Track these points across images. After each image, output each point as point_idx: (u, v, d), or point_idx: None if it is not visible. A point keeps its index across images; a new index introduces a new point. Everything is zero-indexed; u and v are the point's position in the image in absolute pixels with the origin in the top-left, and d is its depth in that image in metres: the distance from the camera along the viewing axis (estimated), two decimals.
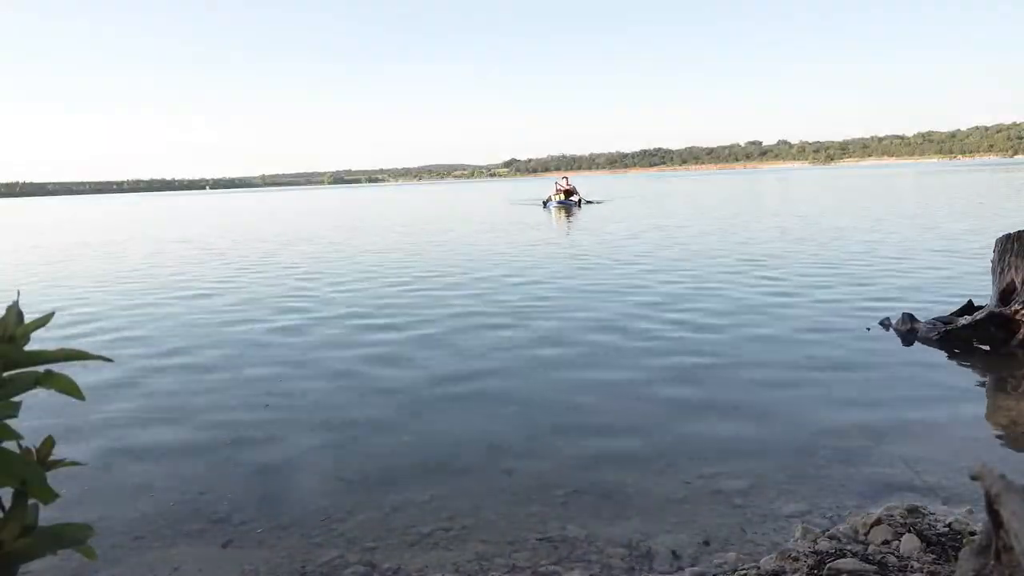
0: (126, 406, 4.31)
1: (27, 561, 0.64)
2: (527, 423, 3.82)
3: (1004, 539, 1.19)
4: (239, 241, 16.74)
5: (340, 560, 2.48)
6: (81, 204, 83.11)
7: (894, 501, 2.70)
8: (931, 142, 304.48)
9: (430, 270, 10.07)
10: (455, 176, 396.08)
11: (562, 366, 4.89)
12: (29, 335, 0.68)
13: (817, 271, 8.61)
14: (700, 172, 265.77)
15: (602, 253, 11.39)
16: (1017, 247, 5.07)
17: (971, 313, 5.34)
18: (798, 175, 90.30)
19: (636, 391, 4.29)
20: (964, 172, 64.79)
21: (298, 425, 3.89)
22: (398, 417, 3.98)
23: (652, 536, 2.56)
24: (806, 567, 2.19)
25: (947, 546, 2.25)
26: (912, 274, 8.18)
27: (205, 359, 5.43)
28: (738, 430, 3.60)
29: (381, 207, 37.65)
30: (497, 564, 2.42)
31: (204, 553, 2.57)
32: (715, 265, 9.50)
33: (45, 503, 0.66)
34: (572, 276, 9.03)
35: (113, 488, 3.14)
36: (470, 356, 5.25)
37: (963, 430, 3.51)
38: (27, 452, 0.70)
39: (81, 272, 11.46)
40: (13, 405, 0.65)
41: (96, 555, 0.73)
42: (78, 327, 6.81)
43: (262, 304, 7.75)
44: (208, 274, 10.59)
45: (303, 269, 10.78)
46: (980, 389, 4.31)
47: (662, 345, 5.36)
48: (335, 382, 4.69)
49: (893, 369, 4.57)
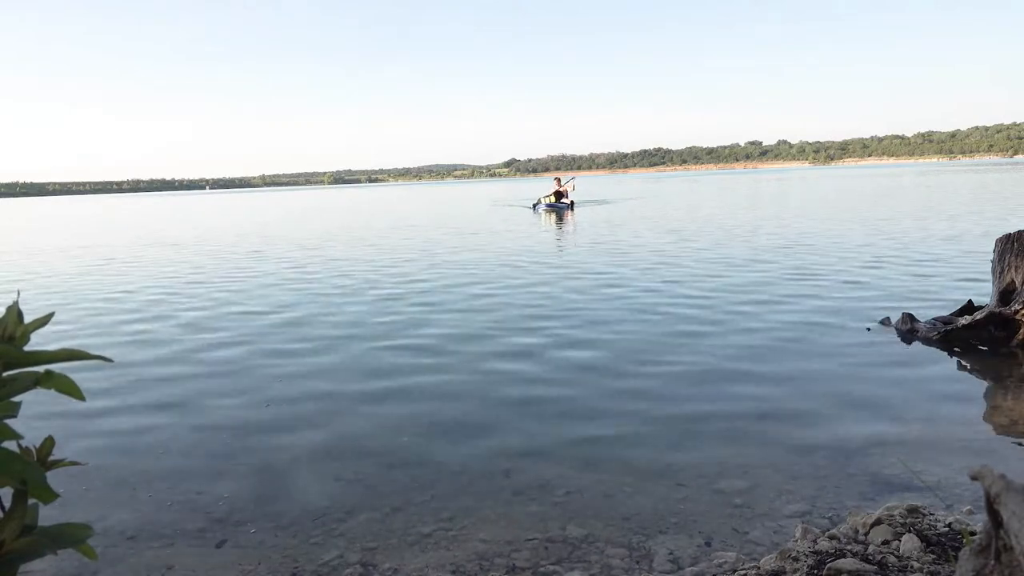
0: (126, 406, 4.31)
1: (27, 561, 0.64)
2: (527, 423, 3.82)
3: (1004, 539, 1.19)
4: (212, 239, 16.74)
5: (340, 560, 2.48)
6: (77, 204, 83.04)
7: (894, 501, 2.70)
8: (931, 142, 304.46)
9: (437, 273, 10.07)
10: (455, 176, 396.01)
11: (561, 366, 4.89)
12: (29, 335, 0.68)
13: (817, 271, 8.61)
14: (700, 172, 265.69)
15: (590, 253, 11.40)
16: (1017, 247, 5.07)
17: (971, 313, 5.34)
18: (798, 175, 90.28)
19: (636, 391, 4.29)
20: (964, 172, 64.79)
21: (298, 425, 3.89)
22: (398, 417, 3.98)
23: (652, 536, 2.56)
24: (806, 567, 2.19)
25: (947, 546, 2.25)
26: (912, 274, 8.17)
27: (205, 358, 5.43)
28: (738, 430, 3.60)
29: (360, 206, 37.66)
30: (497, 564, 2.42)
31: (203, 553, 2.57)
32: (715, 265, 9.51)
33: (45, 503, 0.66)
34: (574, 278, 9.03)
35: (113, 488, 3.14)
36: (470, 356, 5.25)
37: (963, 430, 3.51)
38: (27, 452, 0.70)
39: (81, 272, 11.46)
40: (13, 405, 0.65)
41: (96, 555, 0.73)
42: (77, 326, 6.82)
43: (262, 303, 7.75)
44: (205, 273, 10.59)
45: (300, 267, 10.78)
46: (980, 389, 4.31)
47: (660, 345, 5.36)
48: (335, 382, 4.69)
49: (893, 369, 4.57)
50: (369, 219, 24.95)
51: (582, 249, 12.25)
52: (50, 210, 56.34)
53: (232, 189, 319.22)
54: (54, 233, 23.47)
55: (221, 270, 11.02)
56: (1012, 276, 5.06)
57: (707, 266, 9.44)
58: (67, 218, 37.64)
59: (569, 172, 49.36)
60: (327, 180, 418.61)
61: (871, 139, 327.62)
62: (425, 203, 39.94)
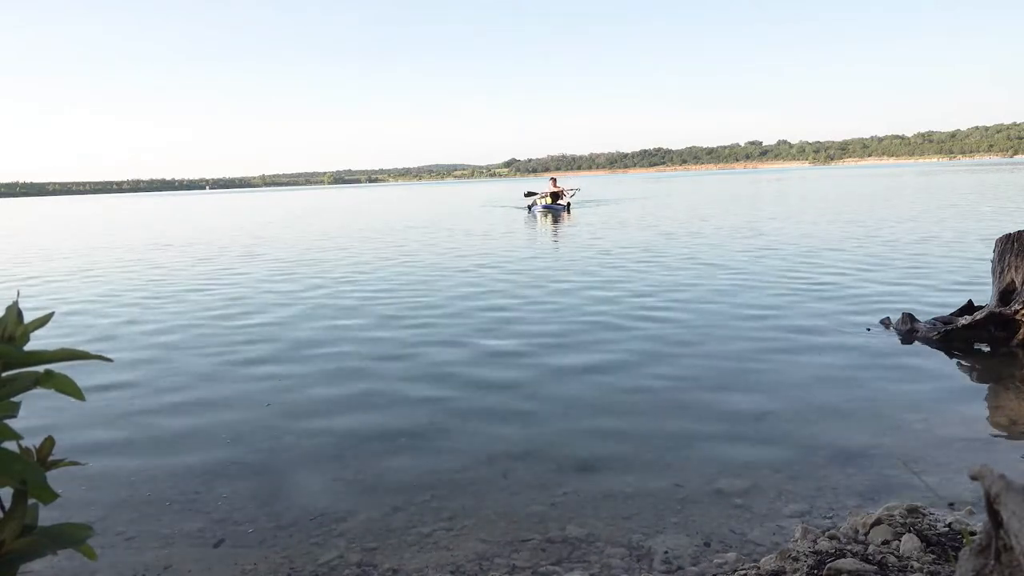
0: (125, 405, 4.31)
1: (27, 561, 0.64)
2: (527, 424, 3.82)
3: (1004, 539, 1.19)
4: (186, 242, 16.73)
5: (340, 560, 2.48)
6: (77, 205, 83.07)
7: (894, 501, 2.70)
8: (931, 142, 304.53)
9: (438, 275, 10.07)
10: (455, 176, 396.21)
11: (561, 367, 4.89)
12: (29, 335, 0.68)
13: (817, 271, 8.61)
14: (700, 172, 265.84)
15: (589, 254, 11.39)
16: (1017, 247, 5.07)
17: (971, 313, 5.34)
18: (798, 175, 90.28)
19: (635, 392, 4.29)
20: (964, 172, 64.79)
21: (298, 425, 3.89)
22: (398, 417, 3.98)
23: (652, 536, 2.56)
24: (806, 567, 2.18)
25: (947, 546, 2.24)
26: (912, 274, 8.17)
27: (204, 358, 5.43)
28: (738, 430, 3.60)
29: (360, 206, 37.66)
30: (497, 564, 2.42)
31: (203, 553, 2.57)
32: (714, 265, 9.50)
33: (45, 503, 0.66)
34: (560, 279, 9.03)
35: (113, 487, 3.14)
36: (470, 357, 5.25)
37: (963, 430, 3.51)
38: (27, 452, 0.70)
39: (77, 270, 11.46)
40: (13, 405, 0.65)
41: (96, 555, 0.73)
42: (78, 324, 6.82)
43: (262, 301, 7.74)
44: (202, 272, 10.58)
45: (297, 265, 10.78)
46: (980, 389, 4.31)
47: (660, 346, 5.36)
48: (336, 382, 4.69)
49: (893, 369, 4.57)
50: (370, 220, 24.96)
51: (581, 251, 12.24)
52: (51, 210, 56.36)
53: (232, 189, 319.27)
54: (69, 233, 23.46)
55: (213, 273, 11.02)
56: (1012, 276, 5.06)
57: (707, 266, 9.44)
58: (69, 218, 37.63)
59: (570, 173, 48.52)
60: (327, 180, 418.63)
61: (871, 139, 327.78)
62: (424, 203, 39.93)
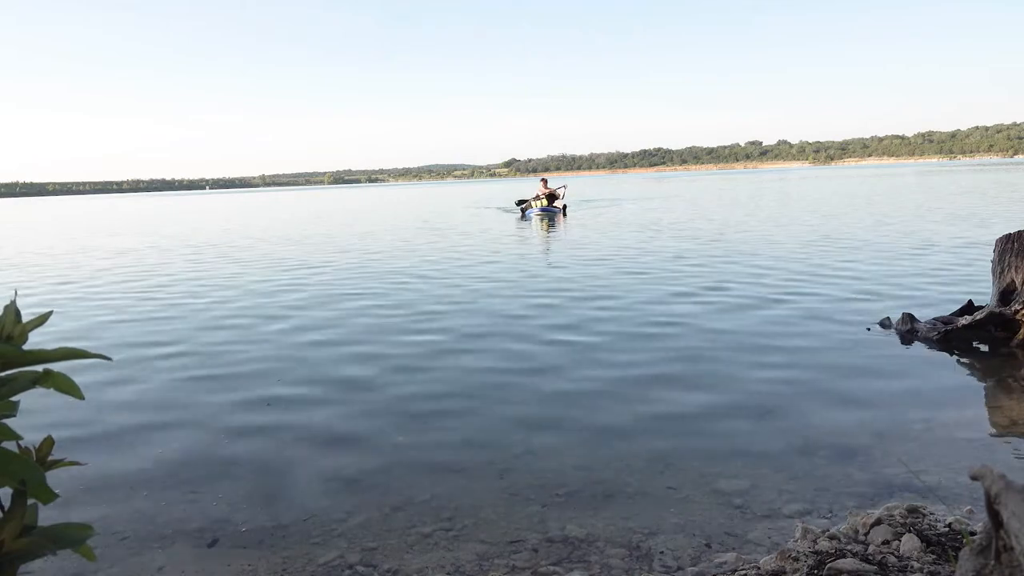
0: (124, 405, 4.31)
1: (27, 561, 0.64)
2: (527, 423, 3.82)
3: (1004, 539, 1.19)
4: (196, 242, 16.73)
5: (340, 560, 2.48)
6: (76, 205, 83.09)
7: (894, 501, 2.70)
8: (931, 142, 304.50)
9: (436, 269, 10.07)
10: (455, 176, 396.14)
11: (561, 367, 4.89)
12: (27, 334, 0.68)
13: (817, 270, 8.61)
14: (700, 172, 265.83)
15: (588, 255, 11.40)
16: (1017, 247, 5.07)
17: (971, 313, 5.34)
18: (798, 175, 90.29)
19: (635, 391, 4.29)
20: (964, 172, 64.80)
21: (298, 424, 3.89)
22: (398, 417, 3.98)
23: (652, 536, 2.56)
24: (806, 567, 2.18)
25: (947, 546, 2.24)
26: (912, 274, 8.18)
27: (204, 358, 5.43)
28: (738, 430, 3.60)
29: (361, 206, 37.66)
30: (497, 564, 2.42)
31: (202, 553, 2.57)
32: (715, 266, 9.50)
33: (45, 503, 0.66)
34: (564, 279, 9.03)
35: (112, 487, 3.14)
36: (470, 357, 5.25)
37: (963, 430, 3.51)
38: (26, 452, 0.70)
39: (78, 270, 11.46)
40: (12, 405, 0.65)
41: (95, 555, 0.73)
42: (76, 324, 6.82)
43: (260, 301, 7.75)
44: (200, 272, 10.58)
45: (296, 265, 10.77)
46: (980, 389, 4.31)
47: (659, 345, 5.36)
48: (335, 382, 4.69)
49: (893, 369, 4.57)
50: (372, 221, 24.95)
51: (578, 252, 12.24)
52: (51, 210, 56.34)
53: (232, 189, 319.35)
54: (72, 233, 23.47)
55: (208, 270, 11.02)
56: (1012, 276, 5.06)
57: (707, 267, 9.44)
58: (70, 218, 37.63)
59: (570, 173, 48.54)
60: (327, 180, 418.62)
61: (871, 139, 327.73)
62: (421, 203, 39.92)
